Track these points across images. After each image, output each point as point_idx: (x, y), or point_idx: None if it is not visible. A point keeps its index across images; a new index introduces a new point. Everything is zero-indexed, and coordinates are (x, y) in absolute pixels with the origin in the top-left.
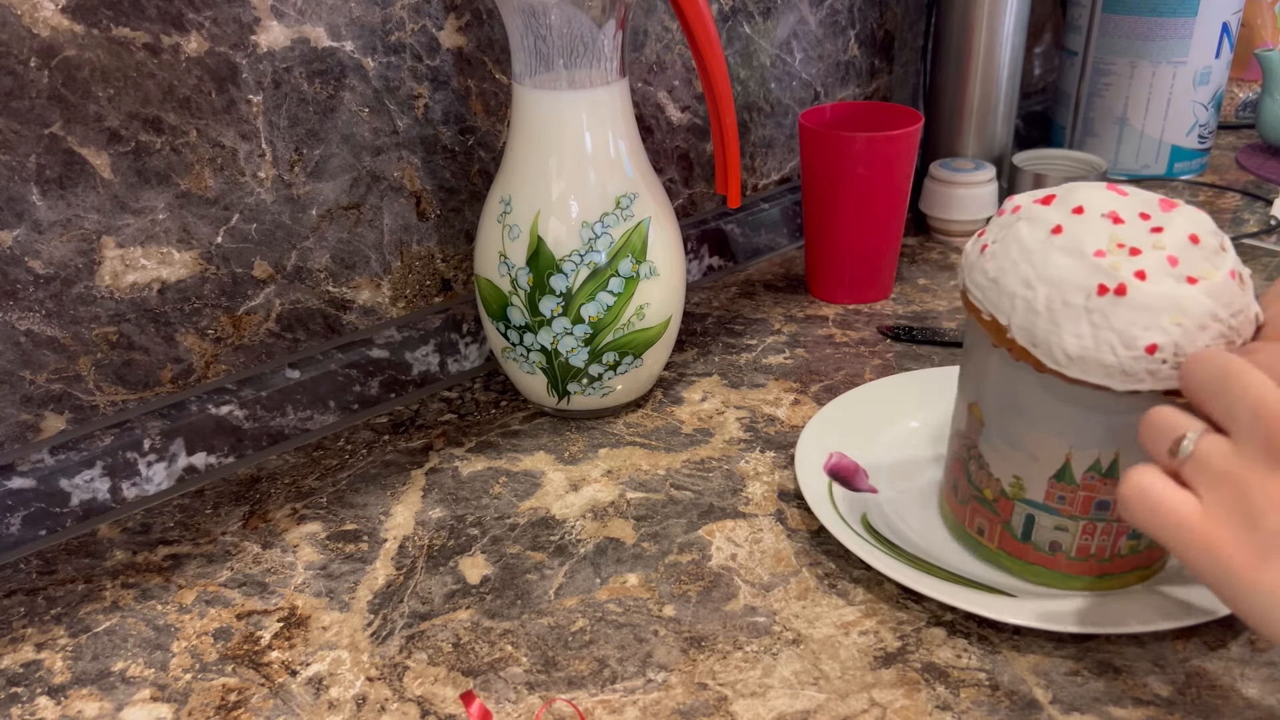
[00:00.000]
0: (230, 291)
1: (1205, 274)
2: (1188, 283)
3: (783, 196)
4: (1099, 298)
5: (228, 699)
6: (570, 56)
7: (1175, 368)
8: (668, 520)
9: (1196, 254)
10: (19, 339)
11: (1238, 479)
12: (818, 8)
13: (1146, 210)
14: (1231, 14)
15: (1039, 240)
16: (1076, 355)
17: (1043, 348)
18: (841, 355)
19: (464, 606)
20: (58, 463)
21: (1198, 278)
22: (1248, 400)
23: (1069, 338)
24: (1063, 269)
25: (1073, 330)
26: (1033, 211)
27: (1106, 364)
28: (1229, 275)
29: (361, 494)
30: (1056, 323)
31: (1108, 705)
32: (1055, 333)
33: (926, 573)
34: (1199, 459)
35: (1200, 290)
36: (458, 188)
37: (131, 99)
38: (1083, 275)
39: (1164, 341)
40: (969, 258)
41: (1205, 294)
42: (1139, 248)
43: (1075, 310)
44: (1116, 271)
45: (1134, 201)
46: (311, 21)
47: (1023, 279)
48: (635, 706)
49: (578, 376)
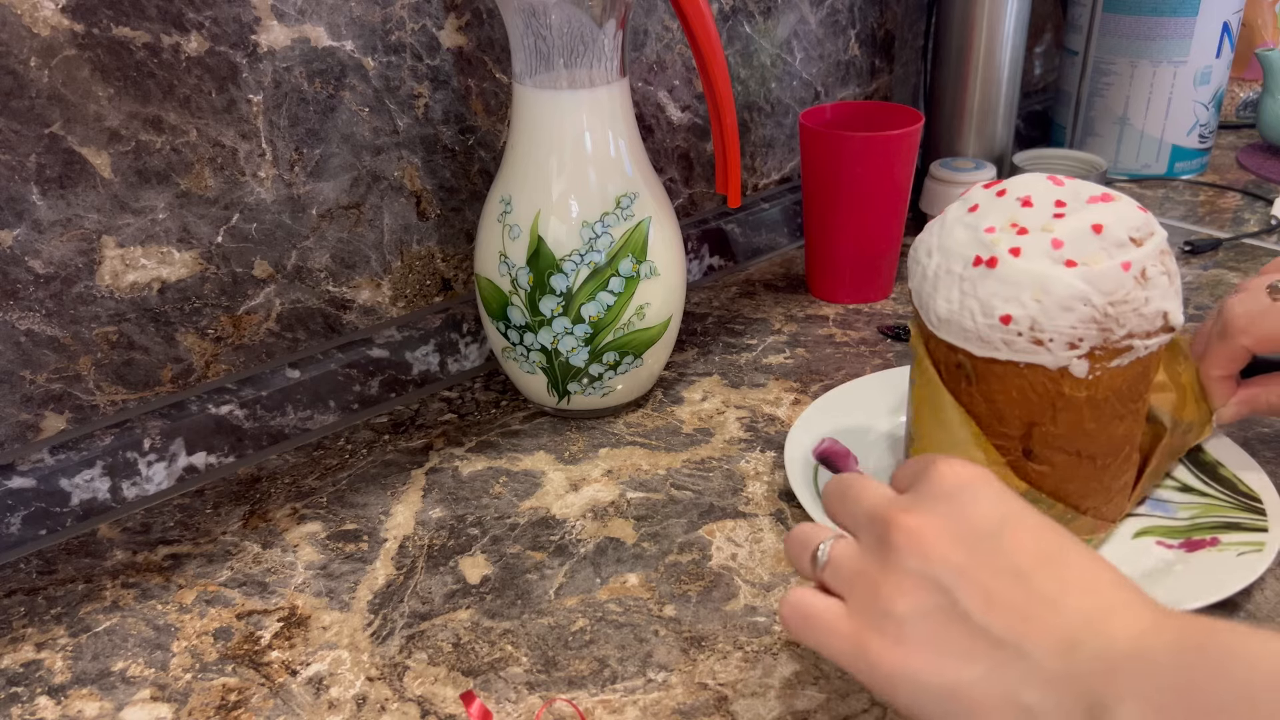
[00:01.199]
0: (230, 291)
1: (1089, 260)
2: (1065, 265)
3: (783, 196)
4: (973, 268)
5: (228, 699)
6: (570, 56)
7: (1034, 342)
8: (668, 520)
9: (1092, 242)
10: (19, 339)
11: (866, 575)
12: (818, 7)
13: (1066, 199)
14: (1232, 13)
15: (954, 216)
16: (944, 318)
17: (923, 310)
18: (842, 355)
19: (464, 606)
20: (58, 462)
21: (1078, 262)
22: (862, 506)
23: (941, 301)
24: (956, 241)
25: (945, 295)
26: (972, 194)
27: (966, 328)
28: (1120, 266)
29: (362, 494)
30: (935, 288)
31: None
32: (932, 296)
33: None
34: (834, 563)
35: (1075, 274)
36: (458, 187)
37: (132, 98)
38: (968, 247)
39: (1020, 314)
40: None
41: (1079, 278)
42: (1028, 229)
43: (952, 277)
44: (995, 246)
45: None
46: (312, 21)
47: (926, 248)
48: (635, 706)
49: (578, 376)
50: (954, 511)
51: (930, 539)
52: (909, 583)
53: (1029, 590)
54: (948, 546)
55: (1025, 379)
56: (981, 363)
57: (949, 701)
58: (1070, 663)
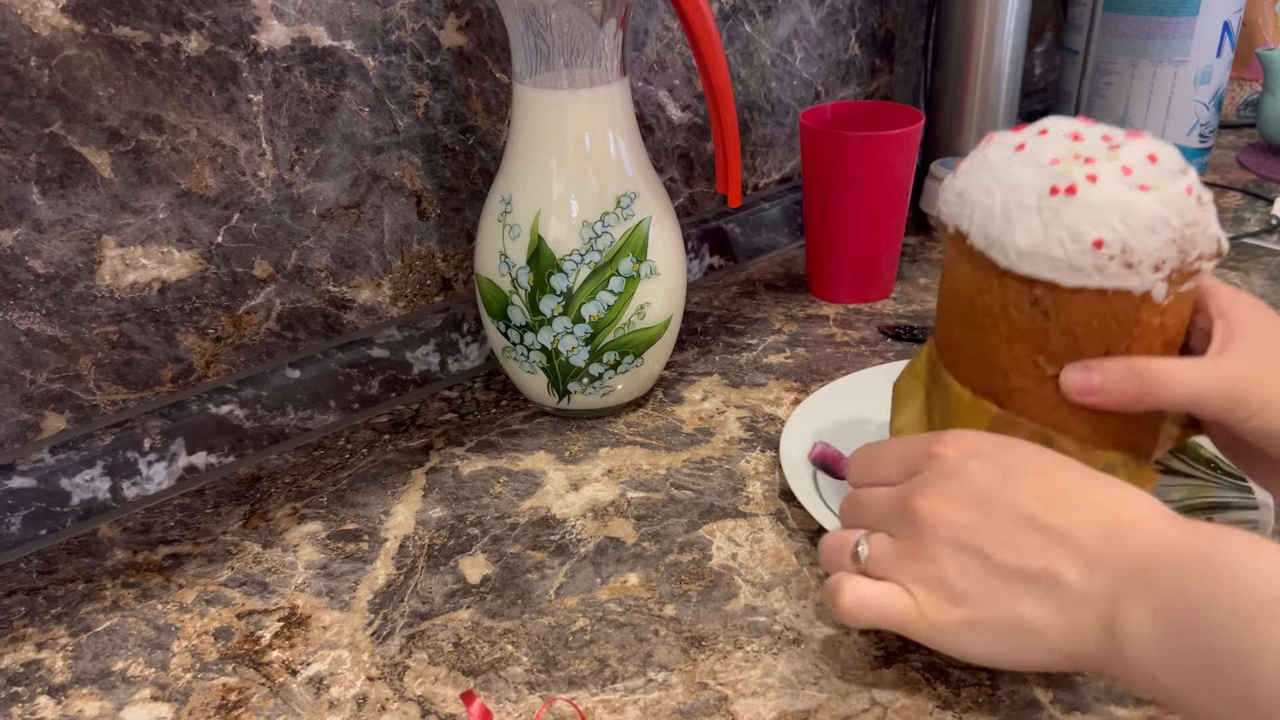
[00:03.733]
0: (230, 291)
1: (1158, 185)
2: (1139, 189)
3: (783, 196)
4: (1050, 197)
5: (228, 698)
6: (571, 56)
7: (1124, 266)
8: (668, 520)
9: (1153, 169)
10: (19, 338)
11: (906, 556)
12: (818, 7)
13: (1110, 135)
14: (1232, 13)
15: (1003, 157)
16: (1027, 250)
17: (997, 247)
18: (842, 355)
19: (464, 606)
20: (58, 462)
21: (1150, 187)
22: (881, 506)
23: (1020, 234)
24: (1020, 176)
25: (1024, 227)
26: (1003, 138)
27: (1054, 257)
28: (1185, 190)
29: (362, 493)
30: (1010, 222)
31: (1109, 705)
32: (1008, 231)
33: None
34: (874, 556)
35: (1152, 197)
36: (458, 187)
37: (132, 98)
38: (1038, 179)
39: (1111, 238)
40: (944, 183)
41: (1156, 201)
42: (1094, 158)
43: (1027, 209)
44: (1069, 175)
45: (1099, 129)
46: (312, 21)
47: (984, 187)
48: (636, 706)
49: (578, 376)
50: (962, 483)
51: (949, 511)
52: (944, 551)
53: (1046, 528)
54: (967, 512)
55: (1108, 307)
56: (1064, 294)
57: (1012, 637)
58: (1093, 583)
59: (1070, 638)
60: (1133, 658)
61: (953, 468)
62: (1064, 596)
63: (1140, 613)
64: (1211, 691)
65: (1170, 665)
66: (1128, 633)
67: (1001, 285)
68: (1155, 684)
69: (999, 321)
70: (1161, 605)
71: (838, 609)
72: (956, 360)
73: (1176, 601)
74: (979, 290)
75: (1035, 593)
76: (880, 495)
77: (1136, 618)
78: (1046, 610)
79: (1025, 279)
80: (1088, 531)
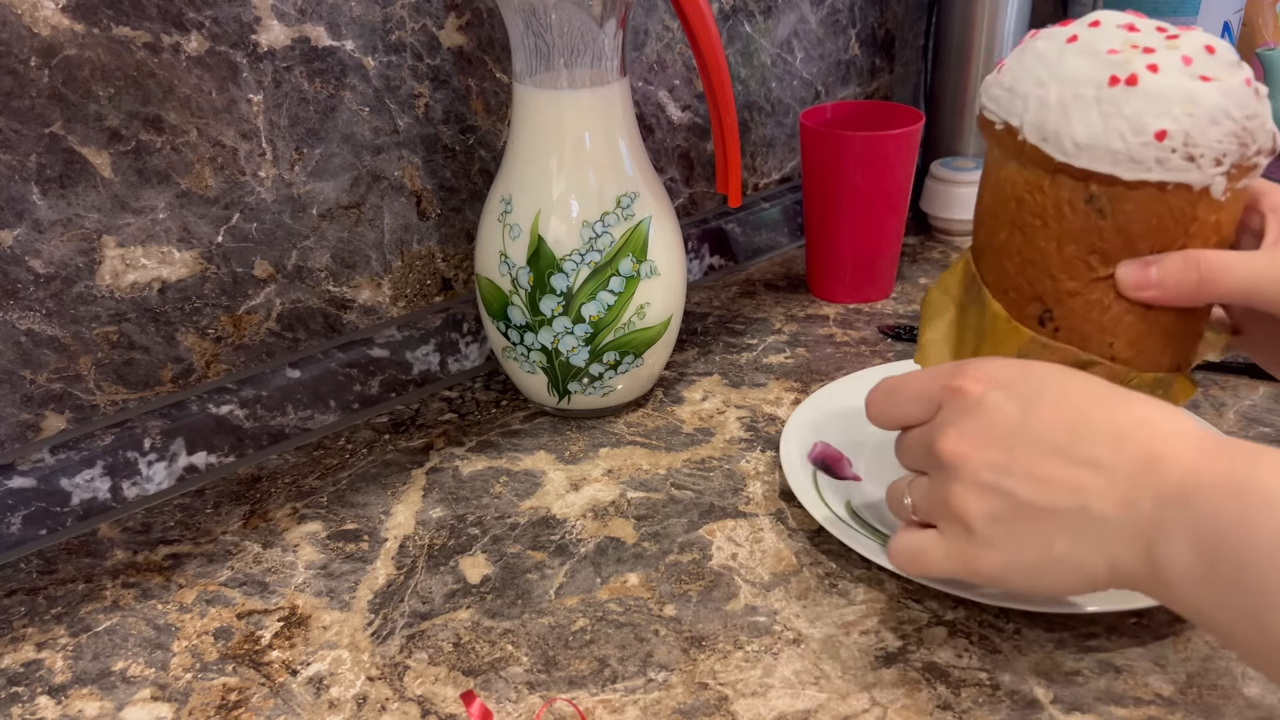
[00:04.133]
0: (231, 291)
1: (1219, 76)
2: (1200, 80)
3: (783, 196)
4: (1110, 88)
5: (228, 698)
6: (571, 56)
7: (1186, 159)
8: (668, 520)
9: (1212, 61)
10: (19, 338)
11: (940, 501)
12: (818, 7)
13: (1164, 26)
14: (1232, 13)
15: (1055, 49)
16: (1085, 143)
17: (1053, 140)
18: (842, 355)
19: (464, 606)
20: (58, 462)
21: (1211, 78)
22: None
23: (1079, 127)
24: (1076, 67)
25: (1082, 120)
26: (1051, 32)
27: (1115, 150)
28: (1244, 82)
29: (362, 493)
30: (1067, 114)
31: (1109, 705)
32: (1065, 123)
33: None
34: (916, 503)
35: (1213, 88)
36: (458, 187)
37: (132, 98)
38: (1095, 69)
39: (1174, 129)
40: (987, 79)
41: (1218, 91)
42: (1153, 48)
43: (1086, 101)
44: (1129, 64)
45: (1152, 21)
46: (312, 21)
47: (1036, 80)
48: (636, 706)
49: (578, 376)
50: (983, 419)
51: (972, 451)
52: (971, 496)
53: (1073, 461)
54: (989, 451)
55: (1166, 203)
56: (1121, 190)
57: (1052, 574)
58: (1129, 516)
59: (1111, 569)
60: (1175, 590)
61: (973, 403)
62: (1100, 532)
63: (1179, 546)
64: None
65: (1214, 600)
66: (1169, 564)
67: (1054, 183)
68: (1200, 616)
69: (1050, 221)
70: (1201, 539)
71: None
72: (1000, 266)
73: (1215, 535)
74: (1029, 189)
75: (1069, 530)
76: (913, 439)
77: (1176, 550)
78: (1083, 546)
79: (1081, 175)
80: (1117, 461)
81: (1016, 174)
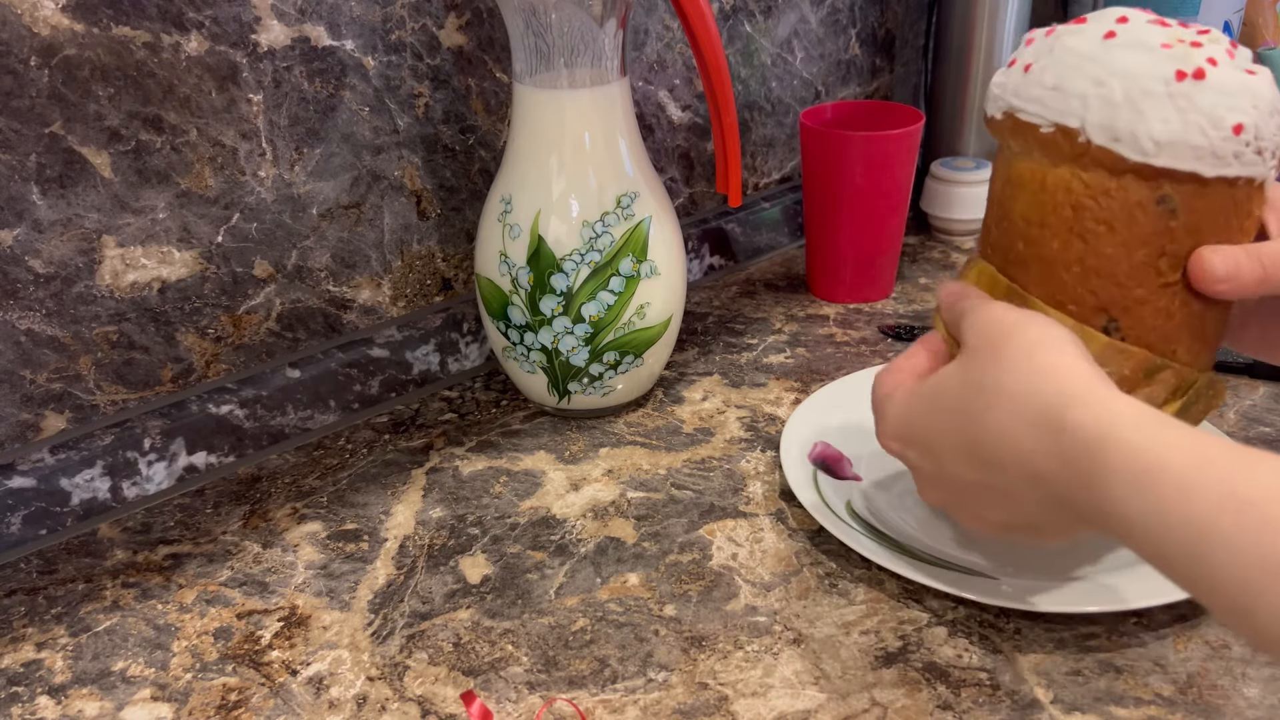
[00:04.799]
0: (230, 291)
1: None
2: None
3: (783, 195)
4: (1179, 83)
5: (228, 698)
6: (571, 55)
7: (1256, 153)
8: (668, 520)
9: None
10: (19, 338)
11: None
12: (819, 6)
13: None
14: (1233, 13)
15: (1095, 45)
16: (1165, 141)
17: (1127, 140)
18: (842, 355)
19: (464, 606)
20: (58, 462)
21: (1254, 71)
22: None
23: (1156, 124)
24: (1134, 63)
25: (1159, 116)
26: (1072, 29)
27: (1197, 146)
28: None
29: (362, 493)
30: (1140, 111)
31: (1109, 705)
32: (1140, 121)
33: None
34: None
35: (1261, 80)
36: (458, 187)
37: (132, 98)
38: (1157, 65)
39: (1249, 123)
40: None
41: (1265, 84)
42: (1199, 42)
43: (1158, 97)
44: (1189, 58)
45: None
46: (312, 20)
47: (1092, 78)
48: (636, 706)
49: (578, 376)
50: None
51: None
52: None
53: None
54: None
55: (1233, 198)
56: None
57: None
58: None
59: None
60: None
61: (904, 461)
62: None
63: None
64: None
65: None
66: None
67: (1121, 185)
68: None
69: (1118, 226)
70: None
71: None
72: (1054, 278)
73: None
74: (1092, 194)
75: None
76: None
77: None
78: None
79: (1152, 176)
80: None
81: (1072, 179)
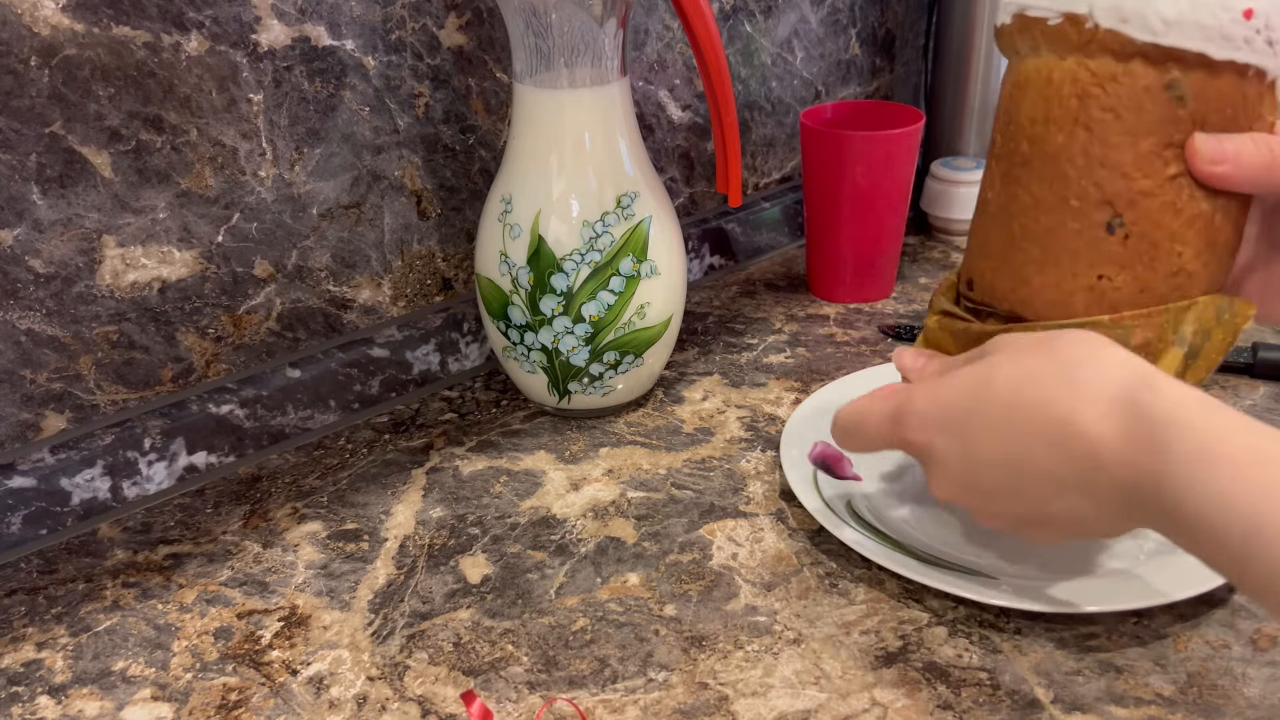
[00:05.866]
0: (231, 290)
1: None
2: None
3: (784, 195)
4: None
5: (228, 698)
6: (571, 55)
7: (1267, 43)
8: (668, 519)
9: None
10: (19, 338)
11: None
12: (819, 6)
13: None
14: None
15: None
16: (1174, 19)
17: (1135, 20)
18: (843, 354)
19: (465, 606)
20: (58, 462)
21: None
22: None
23: (1165, 2)
24: None
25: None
26: None
27: (1206, 25)
28: None
29: (362, 493)
30: None
31: (1109, 705)
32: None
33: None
34: None
35: None
36: (458, 187)
37: (132, 98)
38: None
39: (1259, 8)
40: None
41: None
42: None
43: None
44: None
45: None
46: (312, 20)
47: None
48: (636, 706)
49: (578, 376)
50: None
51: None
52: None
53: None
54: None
55: (1242, 91)
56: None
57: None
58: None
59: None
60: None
61: (925, 454)
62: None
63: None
64: None
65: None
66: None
67: (1128, 71)
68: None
69: (1125, 113)
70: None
71: None
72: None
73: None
74: (1098, 81)
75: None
76: None
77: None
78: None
79: (1161, 60)
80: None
81: (1078, 69)
